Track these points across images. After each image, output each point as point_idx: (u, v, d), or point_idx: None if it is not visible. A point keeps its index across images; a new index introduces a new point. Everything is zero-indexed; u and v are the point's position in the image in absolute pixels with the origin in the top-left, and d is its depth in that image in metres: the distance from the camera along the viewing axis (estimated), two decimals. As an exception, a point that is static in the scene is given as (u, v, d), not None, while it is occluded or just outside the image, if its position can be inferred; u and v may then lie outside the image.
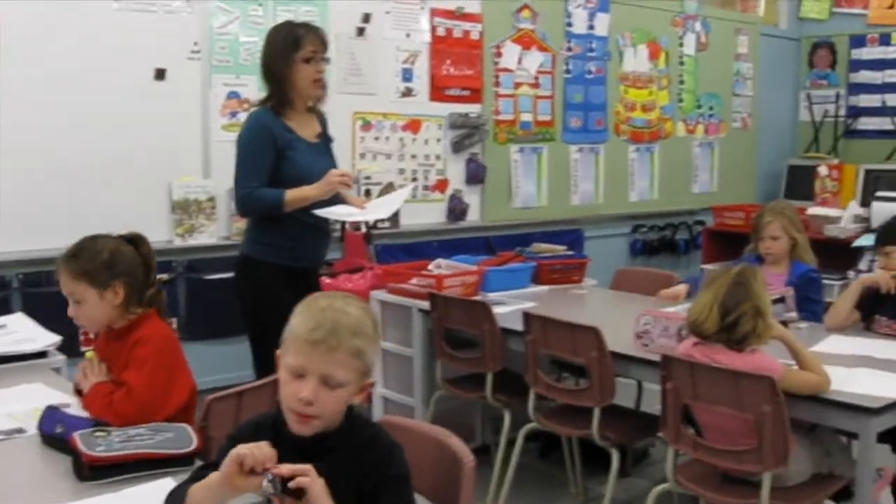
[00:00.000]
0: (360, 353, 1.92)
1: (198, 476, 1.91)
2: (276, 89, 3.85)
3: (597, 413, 3.72)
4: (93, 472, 2.18)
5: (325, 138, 4.06)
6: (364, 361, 1.93)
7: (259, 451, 1.75)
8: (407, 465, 1.97)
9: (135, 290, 2.79)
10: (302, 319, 1.93)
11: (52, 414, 2.46)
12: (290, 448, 1.84)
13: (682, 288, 4.46)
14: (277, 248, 3.87)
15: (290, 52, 3.79)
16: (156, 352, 2.70)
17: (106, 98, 4.58)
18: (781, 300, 3.97)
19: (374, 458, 1.94)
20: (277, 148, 3.79)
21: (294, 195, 3.77)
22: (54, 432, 2.37)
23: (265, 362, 3.84)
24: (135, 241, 2.86)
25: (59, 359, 3.42)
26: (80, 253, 2.75)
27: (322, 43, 3.87)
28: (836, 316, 4.06)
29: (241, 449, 1.75)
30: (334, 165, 4.01)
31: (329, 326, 1.89)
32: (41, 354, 3.35)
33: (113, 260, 2.75)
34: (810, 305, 4.27)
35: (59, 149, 4.45)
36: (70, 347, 3.55)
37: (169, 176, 4.77)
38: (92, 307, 2.74)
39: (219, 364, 4.54)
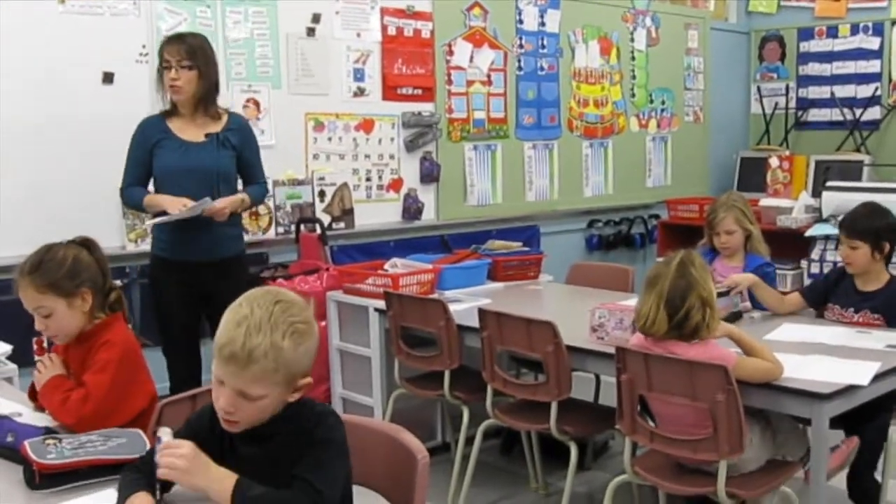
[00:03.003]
0: (274, 370, 1.90)
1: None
2: (164, 96, 4.30)
3: (554, 407, 3.73)
4: (45, 480, 2.16)
5: (218, 140, 4.29)
6: (282, 374, 1.91)
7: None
8: (336, 431, 1.98)
9: (99, 294, 2.78)
10: (221, 326, 1.94)
11: (2, 423, 2.44)
12: (237, 435, 1.98)
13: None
14: (158, 241, 4.31)
15: (159, 63, 4.24)
16: (118, 356, 2.70)
17: (53, 102, 4.52)
18: (726, 293, 4.00)
19: (304, 426, 1.97)
20: (147, 147, 4.24)
21: (151, 200, 4.21)
22: (5, 441, 2.35)
23: (164, 344, 4.35)
24: (87, 245, 2.85)
25: (11, 368, 3.39)
26: (41, 264, 2.71)
27: (179, 51, 4.17)
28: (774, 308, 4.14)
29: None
30: (217, 164, 4.25)
31: (238, 346, 1.88)
32: (-8, 364, 3.32)
33: (76, 267, 2.74)
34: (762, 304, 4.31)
35: (7, 155, 4.39)
36: (21, 357, 3.52)
37: (119, 181, 4.70)
38: (62, 317, 2.71)
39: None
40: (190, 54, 4.16)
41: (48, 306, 2.69)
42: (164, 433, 1.99)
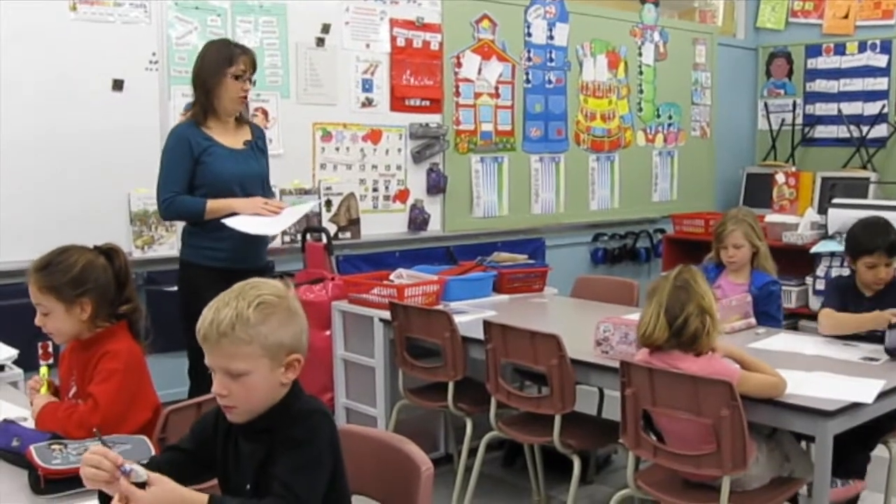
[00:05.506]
0: (246, 342, 1.92)
1: (160, 458, 2.07)
2: (203, 98, 4.14)
3: (558, 420, 3.73)
4: (49, 485, 2.16)
5: (255, 147, 4.30)
6: (259, 345, 1.93)
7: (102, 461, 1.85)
8: (313, 430, 1.97)
9: (104, 304, 2.76)
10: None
11: (7, 427, 2.44)
12: (239, 431, 2.01)
13: None
14: (210, 251, 4.14)
15: (224, 66, 4.08)
16: (123, 366, 2.68)
17: (63, 109, 4.54)
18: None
19: (287, 424, 1.97)
20: (194, 156, 4.08)
21: (217, 205, 4.07)
22: (10, 446, 2.35)
23: (194, 364, 4.11)
24: (109, 253, 2.83)
25: (16, 372, 3.39)
26: (50, 265, 2.72)
27: (252, 64, 4.17)
28: (836, 328, 3.99)
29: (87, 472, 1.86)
30: (261, 170, 4.32)
31: (207, 322, 1.94)
32: (-2, 368, 3.33)
33: (83, 276, 2.71)
34: (769, 321, 4.30)
35: (16, 160, 4.40)
36: (27, 361, 3.53)
37: (128, 187, 4.73)
38: (58, 320, 2.71)
39: (179, 376, 4.50)
40: (255, 70, 4.22)
41: (47, 306, 2.71)
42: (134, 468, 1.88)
